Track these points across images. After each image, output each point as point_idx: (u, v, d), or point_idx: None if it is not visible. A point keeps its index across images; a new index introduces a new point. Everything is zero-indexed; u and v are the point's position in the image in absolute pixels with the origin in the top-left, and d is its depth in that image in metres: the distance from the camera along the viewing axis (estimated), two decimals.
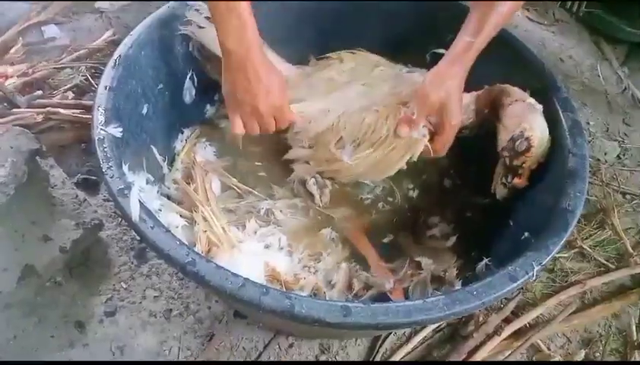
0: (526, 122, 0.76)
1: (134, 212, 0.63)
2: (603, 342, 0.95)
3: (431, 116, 0.78)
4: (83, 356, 0.84)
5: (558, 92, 0.82)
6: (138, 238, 0.97)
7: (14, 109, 1.05)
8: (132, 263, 0.94)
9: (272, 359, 0.86)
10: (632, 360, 0.92)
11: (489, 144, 0.82)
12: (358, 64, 0.92)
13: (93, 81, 1.16)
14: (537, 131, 0.75)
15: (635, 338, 0.95)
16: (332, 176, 0.89)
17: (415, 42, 0.95)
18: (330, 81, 0.90)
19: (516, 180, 0.77)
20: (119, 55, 0.79)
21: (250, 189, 0.90)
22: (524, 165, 0.75)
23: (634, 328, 0.97)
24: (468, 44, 0.75)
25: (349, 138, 0.83)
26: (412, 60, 0.93)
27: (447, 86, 0.75)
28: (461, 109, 0.78)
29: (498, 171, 0.80)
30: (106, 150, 0.68)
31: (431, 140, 0.80)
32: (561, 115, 0.79)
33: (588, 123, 1.30)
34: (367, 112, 0.83)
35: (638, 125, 1.32)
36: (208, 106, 1.02)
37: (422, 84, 0.78)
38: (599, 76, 1.42)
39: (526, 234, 0.72)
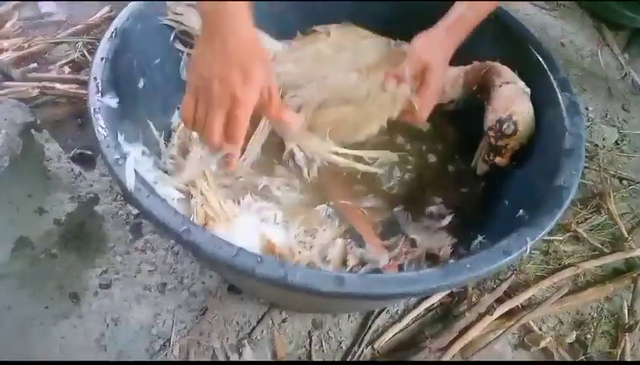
0: (515, 105, 0.78)
1: (130, 181, 0.63)
2: (594, 324, 0.96)
3: (415, 76, 0.78)
4: (78, 327, 0.84)
5: (557, 73, 0.82)
6: (134, 213, 0.97)
7: (9, 83, 1.05)
8: (127, 238, 0.94)
9: (265, 333, 0.87)
10: (622, 342, 0.93)
11: None
12: (345, 36, 0.92)
13: (89, 57, 1.15)
14: (525, 116, 0.78)
15: (626, 321, 0.96)
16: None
17: (402, 20, 0.94)
18: (317, 54, 0.90)
19: (498, 159, 0.80)
20: (116, 28, 0.78)
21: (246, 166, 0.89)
22: (507, 146, 0.79)
23: (626, 311, 0.97)
24: (462, 16, 0.75)
25: (334, 96, 0.83)
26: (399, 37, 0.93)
27: (435, 50, 0.76)
28: (443, 79, 0.79)
29: (481, 148, 0.83)
30: (101, 119, 0.68)
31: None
32: (559, 95, 0.79)
33: (587, 108, 1.30)
34: (353, 72, 0.83)
35: (638, 111, 1.32)
36: None
37: (412, 42, 0.78)
38: (599, 62, 1.42)
39: (520, 212, 0.72)
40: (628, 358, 0.90)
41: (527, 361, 0.90)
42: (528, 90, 0.79)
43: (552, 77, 0.81)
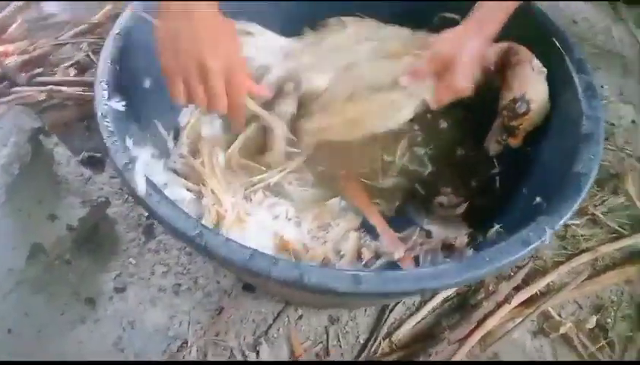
0: (529, 84, 0.76)
1: (140, 186, 0.62)
2: (614, 308, 0.94)
3: (438, 72, 0.75)
4: (95, 331, 0.84)
5: (572, 53, 0.79)
6: (145, 214, 0.96)
7: (15, 88, 1.04)
8: (140, 239, 0.94)
9: (281, 331, 0.86)
10: None
11: None
12: (363, 27, 0.89)
13: (94, 57, 1.14)
14: (539, 96, 0.76)
15: None
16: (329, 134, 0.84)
17: (418, 11, 0.91)
18: (336, 45, 0.87)
19: (511, 140, 0.79)
20: (120, 28, 0.78)
21: (255, 164, 0.88)
22: (520, 126, 0.77)
23: None
24: (493, 12, 0.72)
25: (362, 85, 0.80)
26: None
27: (463, 45, 0.72)
28: (472, 77, 0.75)
29: (494, 128, 0.81)
30: (109, 124, 0.67)
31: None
32: (575, 77, 0.76)
33: (602, 87, 1.27)
34: (381, 60, 0.81)
35: None
36: None
37: (439, 36, 0.75)
38: (613, 38, 1.38)
39: (538, 199, 0.70)
40: None
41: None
42: (545, 70, 0.77)
43: (567, 59, 0.78)
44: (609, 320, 0.93)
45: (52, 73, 1.10)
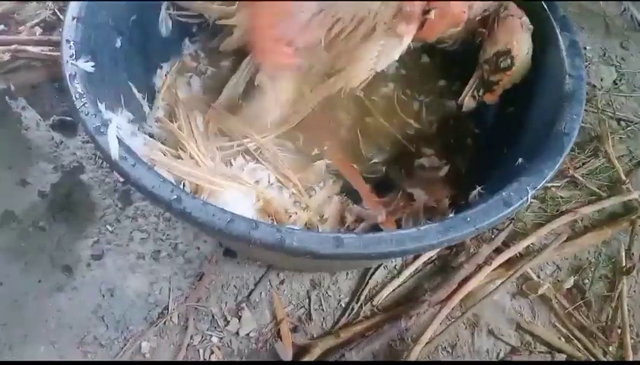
0: (515, 39, 0.74)
1: (114, 150, 0.59)
2: (592, 269, 0.96)
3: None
4: (73, 299, 0.83)
5: (555, 11, 0.78)
6: (122, 180, 0.94)
7: None
8: (117, 205, 0.91)
9: (263, 296, 0.86)
10: (619, 285, 0.93)
11: None
12: None
13: (61, 15, 1.08)
14: (523, 53, 0.74)
15: (623, 264, 0.96)
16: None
17: None
18: None
19: (487, 95, 0.78)
20: None
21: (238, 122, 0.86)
22: (499, 82, 0.76)
23: (623, 254, 0.97)
24: None
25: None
26: None
27: None
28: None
29: (472, 82, 0.79)
30: (78, 86, 0.63)
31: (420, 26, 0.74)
32: (558, 34, 0.75)
33: (585, 48, 1.26)
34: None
35: (637, 48, 1.28)
36: (187, 40, 0.96)
37: None
38: None
39: (520, 160, 0.69)
40: (625, 301, 0.91)
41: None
42: (532, 27, 0.76)
43: (551, 16, 0.77)
44: (586, 281, 0.95)
45: (18, 32, 1.04)
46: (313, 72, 0.80)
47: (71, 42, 0.67)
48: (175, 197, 0.57)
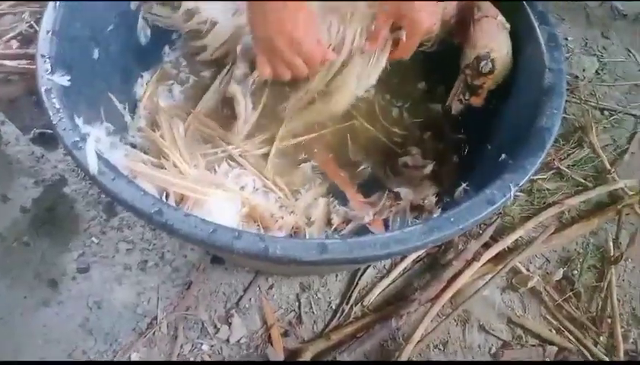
0: (494, 42, 0.74)
1: (92, 165, 0.59)
2: (581, 260, 0.96)
3: (395, 20, 0.73)
4: (60, 313, 0.82)
5: (533, 4, 0.78)
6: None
7: None
8: (101, 217, 0.90)
9: (253, 301, 0.86)
10: (608, 275, 0.94)
11: None
12: None
13: (37, 28, 1.06)
14: (503, 55, 0.74)
15: (611, 254, 0.97)
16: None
17: None
18: None
19: (473, 99, 0.78)
20: None
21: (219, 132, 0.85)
22: (483, 85, 0.76)
23: (611, 243, 0.98)
24: None
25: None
26: None
27: None
28: (433, 12, 0.73)
29: (457, 86, 0.79)
30: (54, 101, 0.63)
31: (395, 45, 0.75)
32: (537, 28, 0.75)
33: (566, 39, 1.26)
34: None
35: (618, 37, 1.28)
36: (167, 48, 0.95)
37: None
38: None
39: (503, 156, 0.70)
40: (614, 290, 0.91)
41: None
42: (508, 25, 0.76)
43: (529, 10, 0.77)
44: (575, 272, 0.95)
45: None
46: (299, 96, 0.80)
47: (46, 57, 0.66)
48: (157, 209, 0.56)
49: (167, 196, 0.72)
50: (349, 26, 0.75)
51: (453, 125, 0.87)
